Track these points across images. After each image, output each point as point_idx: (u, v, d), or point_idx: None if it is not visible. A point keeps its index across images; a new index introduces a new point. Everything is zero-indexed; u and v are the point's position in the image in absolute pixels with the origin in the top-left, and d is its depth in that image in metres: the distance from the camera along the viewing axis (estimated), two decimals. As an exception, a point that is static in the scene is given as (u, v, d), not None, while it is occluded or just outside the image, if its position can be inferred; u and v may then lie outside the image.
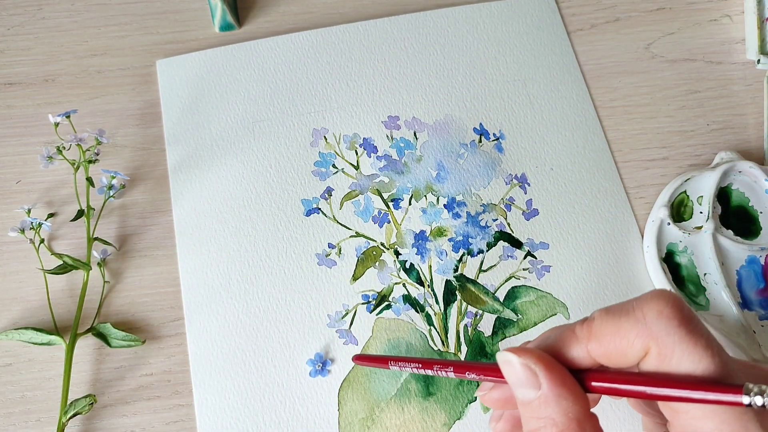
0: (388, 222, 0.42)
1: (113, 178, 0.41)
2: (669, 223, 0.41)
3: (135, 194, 0.43)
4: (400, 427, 0.37)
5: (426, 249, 0.41)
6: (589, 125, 0.45)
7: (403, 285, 0.40)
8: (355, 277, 0.40)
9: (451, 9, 0.48)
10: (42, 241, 0.40)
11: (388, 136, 0.44)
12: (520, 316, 0.40)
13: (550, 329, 0.26)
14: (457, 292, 0.40)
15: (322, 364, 0.38)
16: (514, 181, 0.43)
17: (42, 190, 0.43)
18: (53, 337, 0.38)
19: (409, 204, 0.42)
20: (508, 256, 0.41)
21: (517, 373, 0.24)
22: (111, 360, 0.39)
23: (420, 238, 0.41)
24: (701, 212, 0.41)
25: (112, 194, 0.41)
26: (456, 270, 0.41)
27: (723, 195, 0.42)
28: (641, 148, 0.45)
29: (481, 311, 0.40)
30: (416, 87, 0.46)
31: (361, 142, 0.44)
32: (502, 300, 0.40)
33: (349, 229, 0.42)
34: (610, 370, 0.24)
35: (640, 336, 0.22)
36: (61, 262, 0.39)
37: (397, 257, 0.41)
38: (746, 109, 0.46)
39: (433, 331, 0.39)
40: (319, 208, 0.42)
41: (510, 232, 0.42)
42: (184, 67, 0.46)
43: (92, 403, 0.36)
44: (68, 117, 0.40)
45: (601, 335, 0.23)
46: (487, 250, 0.41)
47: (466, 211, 0.42)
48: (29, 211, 0.40)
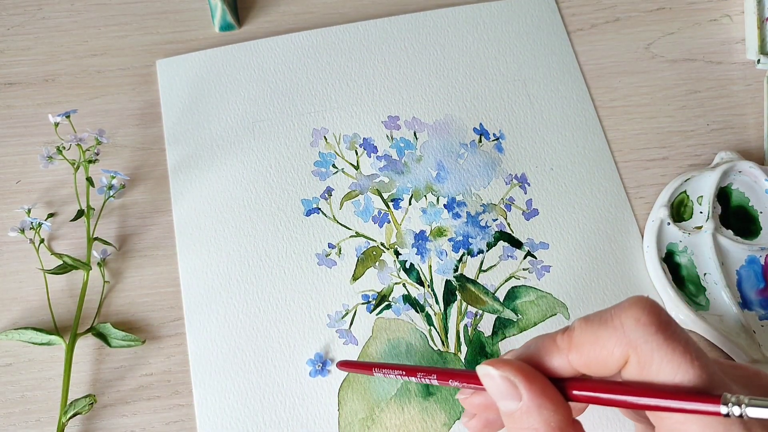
0: (388, 222, 0.42)
1: (113, 178, 0.41)
2: (669, 223, 0.41)
3: (135, 194, 0.43)
4: (400, 427, 0.37)
5: (426, 249, 0.41)
6: (589, 125, 0.45)
7: (403, 285, 0.40)
8: (355, 277, 0.40)
9: (451, 9, 0.48)
10: (42, 241, 0.40)
11: (388, 136, 0.44)
12: (520, 316, 0.40)
13: (534, 338, 0.27)
14: (457, 292, 0.40)
15: (322, 364, 0.38)
16: (514, 181, 0.43)
17: (42, 190, 0.43)
18: (53, 337, 0.38)
19: (409, 204, 0.42)
20: (508, 256, 0.41)
21: (498, 385, 0.24)
22: (111, 360, 0.39)
23: (420, 238, 0.41)
24: (701, 212, 0.41)
25: (112, 194, 0.41)
26: (456, 270, 0.41)
27: (723, 195, 0.42)
28: (641, 148, 0.45)
29: (481, 311, 0.40)
30: (416, 87, 0.46)
31: (361, 142, 0.44)
32: (502, 300, 0.40)
33: (349, 229, 0.42)
34: (590, 379, 0.24)
35: (619, 345, 0.22)
36: (61, 262, 0.39)
37: (397, 257, 0.41)
38: (746, 109, 0.46)
39: (433, 331, 0.39)
40: (319, 208, 0.42)
41: (510, 232, 0.42)
42: (184, 67, 0.46)
43: (92, 403, 0.36)
44: (68, 117, 0.40)
45: (581, 345, 0.23)
46: (487, 250, 0.41)
47: (466, 211, 0.42)
48: (29, 211, 0.40)
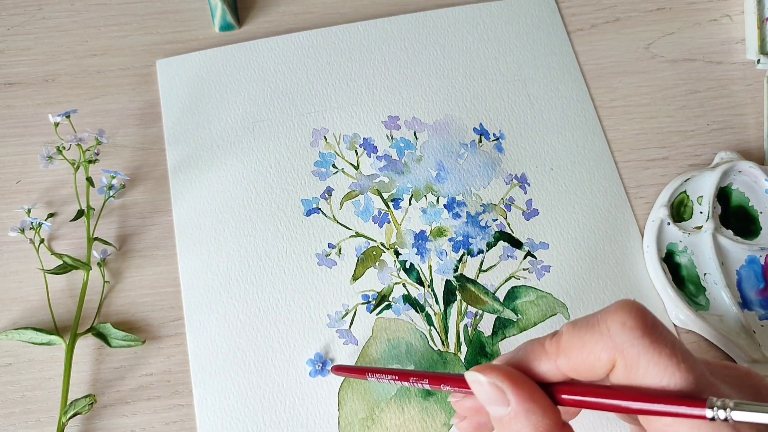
0: (388, 222, 0.42)
1: (113, 178, 0.41)
2: (669, 223, 0.41)
3: (135, 194, 0.43)
4: (400, 427, 0.37)
5: (426, 249, 0.41)
6: (589, 125, 0.45)
7: (403, 285, 0.40)
8: (355, 277, 0.40)
9: (451, 9, 0.48)
10: (42, 241, 0.40)
11: (388, 136, 0.44)
12: (520, 316, 0.40)
13: (524, 343, 0.27)
14: (457, 292, 0.40)
15: (322, 364, 0.38)
16: (514, 181, 0.43)
17: (42, 190, 0.43)
18: (53, 337, 0.38)
19: (409, 204, 0.42)
20: (508, 256, 0.41)
21: (486, 391, 0.24)
22: (111, 360, 0.39)
23: (420, 238, 0.41)
24: (701, 212, 0.41)
25: (112, 194, 0.41)
26: (456, 270, 0.41)
27: (723, 195, 0.42)
28: (641, 148, 0.45)
29: (481, 311, 0.40)
30: (416, 87, 0.46)
31: (361, 142, 0.44)
32: (502, 300, 0.40)
33: (349, 229, 0.42)
34: (578, 383, 0.24)
35: (606, 349, 0.22)
36: (61, 262, 0.39)
37: (397, 257, 0.41)
38: (746, 109, 0.46)
39: (433, 331, 0.39)
40: (319, 208, 0.42)
41: (510, 232, 0.42)
42: (184, 67, 0.46)
43: (92, 403, 0.36)
44: (68, 117, 0.40)
45: (569, 350, 0.23)
46: (487, 250, 0.41)
47: (466, 211, 0.42)
48: (29, 211, 0.40)
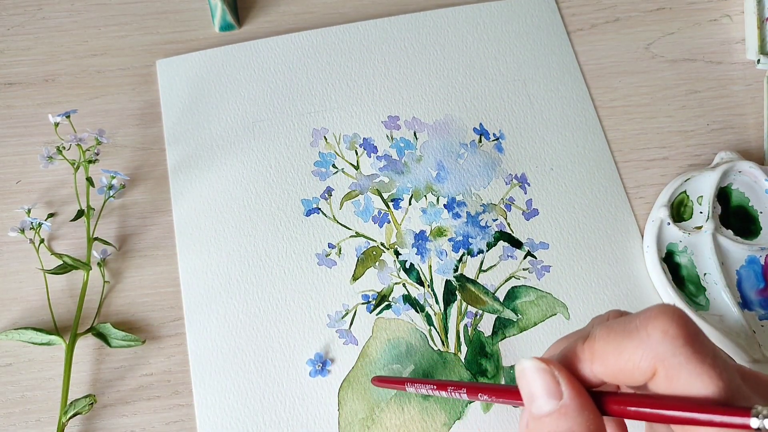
0: (388, 222, 0.42)
1: (113, 178, 0.41)
2: (669, 223, 0.41)
3: (135, 194, 0.43)
4: (400, 427, 0.37)
5: (426, 249, 0.41)
6: (589, 125, 0.45)
7: (403, 285, 0.40)
8: (355, 277, 0.40)
9: (451, 9, 0.48)
10: (42, 241, 0.40)
11: (388, 136, 0.44)
12: (520, 316, 0.40)
13: (551, 347, 0.26)
14: (457, 292, 0.40)
15: (322, 364, 0.38)
16: (514, 181, 0.43)
17: (42, 190, 0.43)
18: (53, 337, 0.38)
19: (409, 204, 0.42)
20: (508, 256, 0.41)
21: (537, 381, 0.23)
22: (111, 360, 0.39)
23: (420, 238, 0.41)
24: (701, 212, 0.41)
25: (112, 194, 0.41)
26: (456, 270, 0.41)
27: (723, 195, 0.42)
28: (641, 148, 0.45)
29: (481, 311, 0.40)
30: (416, 87, 0.46)
31: (361, 142, 0.44)
32: (502, 300, 0.40)
33: (349, 229, 0.42)
34: (619, 392, 0.23)
35: (646, 357, 0.21)
36: (61, 262, 0.39)
37: (397, 257, 0.41)
38: (746, 109, 0.46)
39: (433, 331, 0.39)
40: (319, 208, 0.42)
41: (510, 232, 0.42)
42: (184, 67, 0.46)
43: (92, 403, 0.36)
44: (68, 117, 0.40)
45: (604, 356, 0.22)
46: (487, 250, 0.41)
47: (466, 211, 0.42)
48: (29, 211, 0.40)
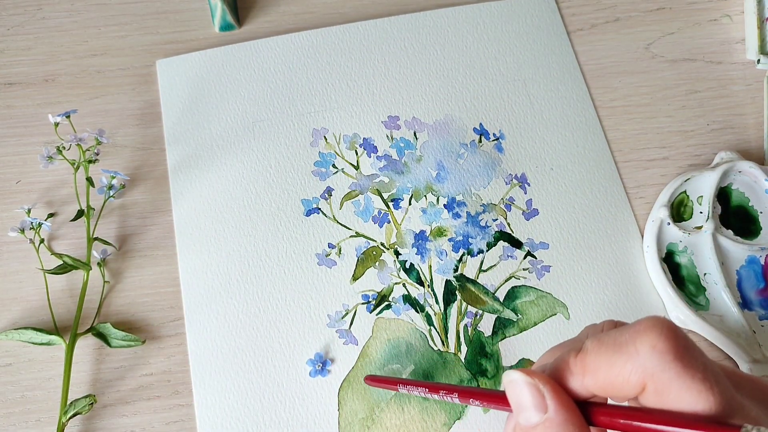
0: (388, 222, 0.42)
1: (113, 178, 0.41)
2: (669, 223, 0.41)
3: (135, 194, 0.43)
4: (400, 427, 0.37)
5: (426, 249, 0.41)
6: (589, 125, 0.45)
7: (403, 285, 0.40)
8: (355, 277, 0.40)
9: (451, 9, 0.48)
10: (42, 241, 0.40)
11: (388, 136, 0.44)
12: (520, 316, 0.40)
13: (545, 355, 0.26)
14: (457, 292, 0.40)
15: (322, 364, 0.38)
16: (514, 181, 0.43)
17: (42, 190, 0.43)
18: (53, 337, 0.38)
19: (409, 204, 0.42)
20: (508, 256, 0.41)
21: (524, 393, 0.23)
22: (111, 360, 0.39)
23: (420, 238, 0.41)
24: (701, 212, 0.41)
25: (112, 194, 0.41)
26: (456, 270, 0.41)
27: (723, 195, 0.42)
28: (641, 148, 0.45)
29: (481, 311, 0.40)
30: (416, 87, 0.46)
31: (361, 142, 0.44)
32: (502, 300, 0.40)
33: (349, 229, 0.42)
34: (609, 404, 0.23)
35: (635, 372, 0.21)
36: (61, 262, 0.39)
37: (397, 257, 0.41)
38: (746, 109, 0.46)
39: (433, 331, 0.39)
40: (319, 208, 0.42)
41: (510, 232, 0.42)
42: (184, 67, 0.46)
43: (92, 403, 0.36)
44: (68, 117, 0.40)
45: (595, 370, 0.22)
46: (487, 250, 0.41)
47: (466, 211, 0.42)
48: (29, 211, 0.40)
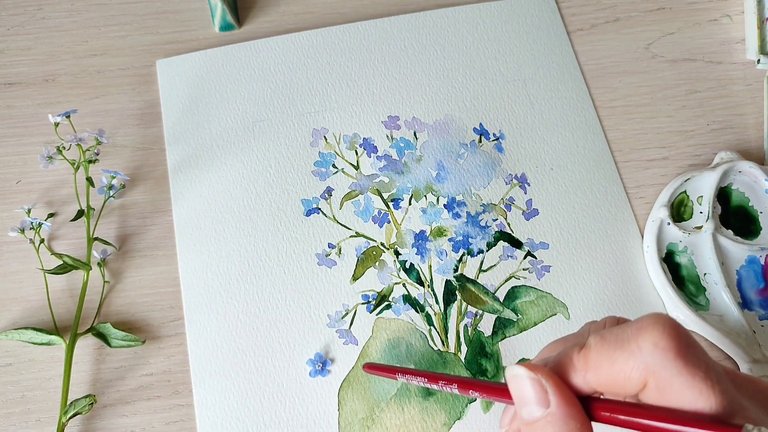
0: (388, 222, 0.42)
1: (113, 178, 0.41)
2: (669, 223, 0.41)
3: (135, 194, 0.43)
4: (400, 427, 0.37)
5: (426, 249, 0.41)
6: (589, 125, 0.45)
7: (403, 285, 0.40)
8: (355, 277, 0.40)
9: (451, 9, 0.48)
10: (42, 241, 0.40)
11: (388, 136, 0.44)
12: (520, 316, 0.40)
13: (545, 349, 0.26)
14: (457, 292, 0.40)
15: (322, 364, 0.38)
16: (514, 181, 0.43)
17: (42, 190, 0.43)
18: (53, 337, 0.38)
19: (409, 204, 0.42)
20: (508, 256, 0.41)
21: (527, 388, 0.23)
22: (111, 360, 0.39)
23: (420, 238, 0.41)
24: (701, 212, 0.41)
25: (112, 194, 0.41)
26: (456, 270, 0.41)
27: (723, 195, 0.42)
28: (641, 148, 0.45)
29: (481, 311, 0.40)
30: (416, 87, 0.46)
31: (361, 142, 0.44)
32: (502, 300, 0.40)
33: (349, 229, 0.42)
34: (611, 399, 0.23)
35: (637, 369, 0.21)
36: (61, 262, 0.39)
37: (397, 257, 0.41)
38: (746, 109, 0.46)
39: (433, 331, 0.39)
40: (319, 208, 0.42)
41: (510, 232, 0.42)
42: (184, 67, 0.46)
43: (92, 403, 0.36)
44: (68, 117, 0.40)
45: (597, 366, 0.22)
46: (487, 250, 0.41)
47: (466, 211, 0.42)
48: (29, 211, 0.40)
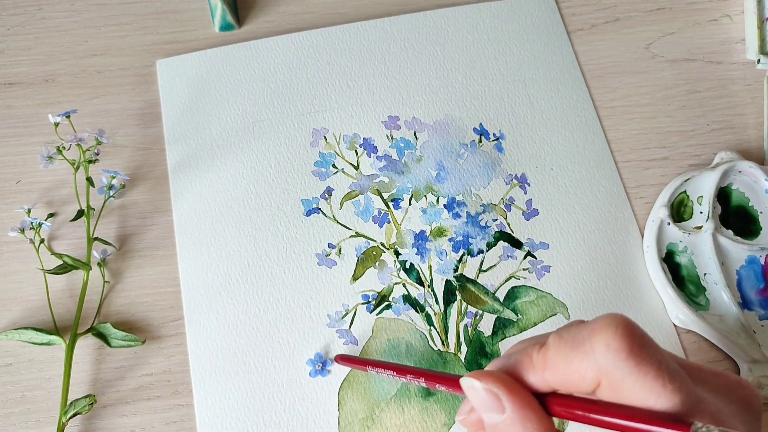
0: (388, 222, 0.42)
1: (113, 178, 0.41)
2: (669, 223, 0.41)
3: (135, 194, 0.43)
4: (400, 427, 0.37)
5: (426, 249, 0.41)
6: (589, 125, 0.45)
7: (403, 285, 0.40)
8: (355, 277, 0.40)
9: (451, 9, 0.48)
10: (42, 241, 0.40)
11: (388, 136, 0.44)
12: (520, 316, 0.40)
13: (514, 346, 0.26)
14: (457, 292, 0.40)
15: (322, 364, 0.38)
16: (514, 181, 0.43)
17: (42, 190, 0.43)
18: (53, 337, 0.38)
19: (409, 204, 0.42)
20: (508, 256, 0.41)
21: (482, 397, 0.24)
22: (111, 360, 0.39)
23: (420, 238, 0.41)
24: (701, 212, 0.41)
25: (112, 194, 0.41)
26: (456, 270, 0.41)
27: (723, 195, 0.42)
28: (641, 148, 0.45)
29: (481, 311, 0.40)
30: (416, 87, 0.46)
31: (361, 142, 0.44)
32: (502, 300, 0.40)
33: (349, 229, 0.42)
34: (567, 395, 0.24)
35: (590, 370, 0.22)
36: (61, 262, 0.39)
37: (397, 257, 0.41)
38: (746, 109, 0.46)
39: (433, 331, 0.39)
40: (319, 208, 0.42)
41: (510, 232, 0.42)
42: (184, 67, 0.46)
43: (92, 403, 0.36)
44: (68, 117, 0.40)
45: (554, 365, 0.23)
46: (487, 250, 0.41)
47: (466, 211, 0.42)
48: (29, 211, 0.40)
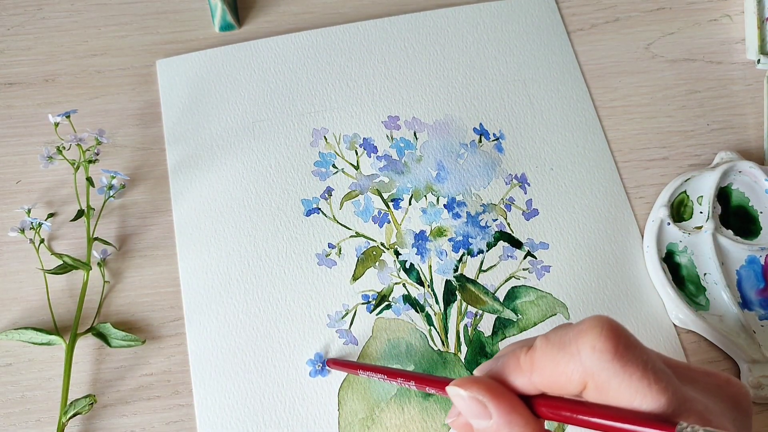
0: (388, 222, 0.42)
1: (113, 178, 0.41)
2: (669, 223, 0.41)
3: (135, 194, 0.43)
4: (400, 427, 0.37)
5: (426, 249, 0.41)
6: (589, 125, 0.45)
7: (403, 285, 0.40)
8: (355, 277, 0.40)
9: (451, 9, 0.48)
10: (42, 241, 0.40)
11: (388, 136, 0.44)
12: (520, 316, 0.40)
13: (504, 350, 0.27)
14: (457, 292, 0.40)
15: (322, 364, 0.38)
16: (514, 181, 0.43)
17: (42, 190, 0.43)
18: (53, 337, 0.38)
19: (409, 204, 0.42)
20: (508, 256, 0.41)
21: (468, 405, 0.24)
22: (111, 360, 0.39)
23: (420, 238, 0.41)
24: (701, 212, 0.41)
25: (112, 194, 0.41)
26: (456, 270, 0.41)
27: (723, 195, 0.42)
28: (641, 148, 0.45)
29: (481, 311, 0.40)
30: (416, 87, 0.46)
31: (361, 142, 0.44)
32: (502, 300, 0.40)
33: (349, 229, 0.42)
34: (553, 397, 0.24)
35: (576, 372, 0.22)
36: (61, 262, 0.39)
37: (397, 257, 0.41)
38: (746, 109, 0.46)
39: (433, 331, 0.39)
40: (319, 208, 0.42)
41: (510, 232, 0.42)
42: (184, 67, 0.46)
43: (92, 403, 0.36)
44: (68, 117, 0.40)
45: (541, 368, 0.23)
46: (487, 250, 0.41)
47: (466, 211, 0.42)
48: (29, 211, 0.40)
